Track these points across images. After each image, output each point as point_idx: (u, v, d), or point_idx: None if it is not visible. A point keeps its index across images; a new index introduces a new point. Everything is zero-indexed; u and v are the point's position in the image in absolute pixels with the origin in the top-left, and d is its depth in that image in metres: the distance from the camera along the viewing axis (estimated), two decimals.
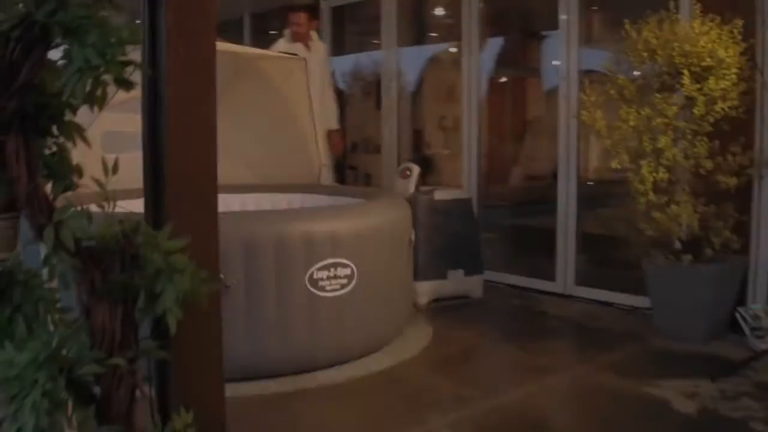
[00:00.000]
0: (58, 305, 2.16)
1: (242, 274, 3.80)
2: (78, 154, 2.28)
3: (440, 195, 5.54)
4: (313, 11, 6.64)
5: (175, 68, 2.27)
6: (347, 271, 4.05)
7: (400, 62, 7.53)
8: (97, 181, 1.99)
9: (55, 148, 2.12)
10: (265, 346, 3.86)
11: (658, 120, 4.23)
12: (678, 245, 4.48)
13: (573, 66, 5.58)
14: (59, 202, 1.95)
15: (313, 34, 6.43)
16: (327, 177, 6.36)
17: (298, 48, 6.17)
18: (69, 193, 2.06)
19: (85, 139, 2.10)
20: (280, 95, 5.60)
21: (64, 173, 2.11)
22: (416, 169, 5.64)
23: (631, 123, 4.29)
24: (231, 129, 5.88)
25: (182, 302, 2.13)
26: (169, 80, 2.27)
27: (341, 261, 4.03)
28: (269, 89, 5.61)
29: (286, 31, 6.32)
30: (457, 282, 5.55)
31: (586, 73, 5.67)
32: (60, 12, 1.81)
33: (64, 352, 2.01)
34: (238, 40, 9.18)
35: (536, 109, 9.37)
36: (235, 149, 5.93)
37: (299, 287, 3.91)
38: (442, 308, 5.37)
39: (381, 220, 4.26)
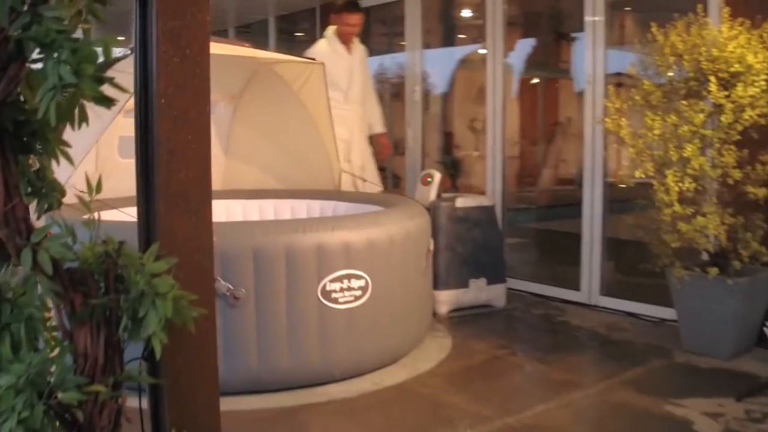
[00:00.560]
0: (50, 324, 2.08)
1: (252, 284, 3.72)
2: (100, 159, 2.23)
3: (462, 202, 5.42)
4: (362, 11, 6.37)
5: (167, 80, 2.19)
6: (361, 283, 3.96)
7: (426, 64, 7.42)
8: (78, 196, 1.93)
9: (38, 166, 2.04)
10: (275, 359, 3.78)
11: (685, 128, 4.08)
12: (705, 257, 4.32)
13: (599, 69, 5.43)
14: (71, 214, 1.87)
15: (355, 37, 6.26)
16: (373, 176, 6.25)
17: (340, 50, 6.03)
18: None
19: (68, 157, 2.03)
20: (299, 100, 5.52)
21: (48, 192, 2.04)
22: (438, 176, 5.54)
23: (656, 131, 4.14)
24: (249, 133, 5.85)
25: (174, 322, 2.06)
26: (160, 93, 2.18)
27: (355, 272, 3.94)
28: (288, 94, 5.53)
29: (328, 32, 6.12)
30: (479, 291, 5.44)
31: (615, 76, 5.53)
32: (34, 26, 1.74)
33: (48, 376, 1.95)
34: (264, 42, 9.15)
35: (567, 110, 9.22)
36: (254, 153, 5.91)
37: (311, 299, 3.82)
38: (463, 318, 5.26)
39: (397, 229, 4.15)
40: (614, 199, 5.49)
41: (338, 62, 5.97)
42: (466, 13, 8.31)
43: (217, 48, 4.74)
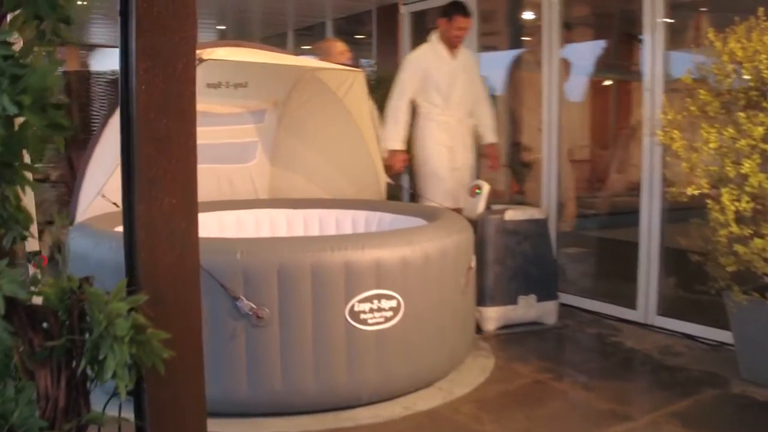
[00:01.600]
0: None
1: (277, 304, 3.59)
2: None
3: (512, 215, 5.20)
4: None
5: (148, 101, 2.06)
6: (392, 304, 3.78)
7: (491, 66, 7.21)
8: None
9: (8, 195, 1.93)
10: (300, 381, 3.64)
11: (743, 141, 3.78)
12: (765, 281, 4.02)
13: (658, 76, 5.13)
14: None
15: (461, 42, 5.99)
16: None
17: (443, 54, 5.82)
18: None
19: (35, 187, 1.92)
20: (344, 107, 5.38)
21: (14, 223, 1.93)
22: (486, 187, 5.32)
23: (712, 145, 3.85)
24: (294, 141, 5.73)
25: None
26: (141, 115, 2.05)
27: (386, 292, 3.77)
28: (333, 101, 5.39)
29: (432, 36, 5.91)
30: (528, 308, 5.20)
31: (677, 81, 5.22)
32: None
33: (11, 417, 1.85)
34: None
35: (639, 113, 8.86)
36: (299, 162, 5.80)
37: (338, 320, 3.67)
38: (510, 336, 5.03)
39: (433, 246, 3.96)
40: (676, 208, 5.16)
41: (440, 67, 5.81)
42: (528, 15, 8.05)
43: (247, 55, 4.65)
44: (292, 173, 5.88)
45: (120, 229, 4.41)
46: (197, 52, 4.25)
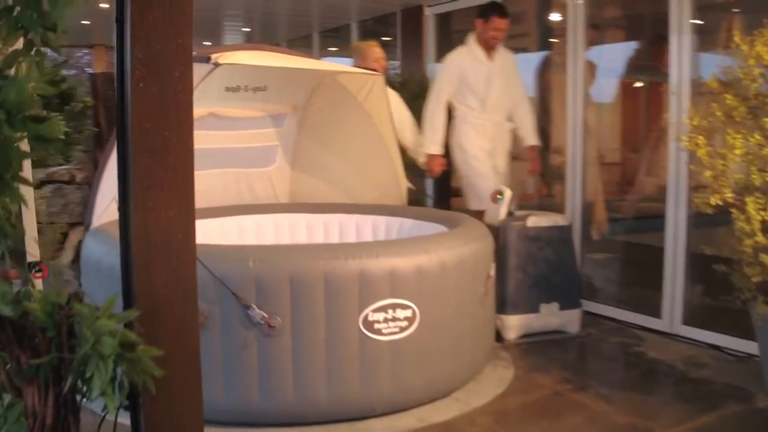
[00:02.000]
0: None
1: (289, 313, 3.53)
2: None
3: (534, 221, 5.10)
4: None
5: (143, 110, 2.00)
6: (407, 313, 3.71)
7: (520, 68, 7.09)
8: None
9: None
10: (312, 391, 3.59)
11: None
12: None
13: (685, 79, 5.01)
14: None
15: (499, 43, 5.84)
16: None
17: (479, 56, 5.71)
18: None
19: (25, 202, 1.88)
20: (365, 111, 5.31)
21: (2, 236, 1.88)
22: (508, 193, 5.22)
23: (737, 151, 3.73)
24: (315, 145, 5.68)
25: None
26: (136, 124, 2.00)
27: (401, 302, 3.69)
28: (353, 105, 5.33)
29: (469, 38, 5.80)
30: (550, 316, 5.10)
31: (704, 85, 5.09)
32: None
33: None
34: (346, 47, 9.06)
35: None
36: (320, 166, 5.75)
37: (352, 330, 3.60)
38: (532, 345, 4.93)
39: (449, 255, 3.88)
40: (704, 212, 5.02)
41: (476, 69, 5.71)
42: (555, 16, 7.93)
43: (265, 59, 4.60)
44: (312, 177, 5.83)
45: None
46: (213, 56, 4.22)
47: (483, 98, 5.74)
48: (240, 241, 5.36)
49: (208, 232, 5.23)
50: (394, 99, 5.98)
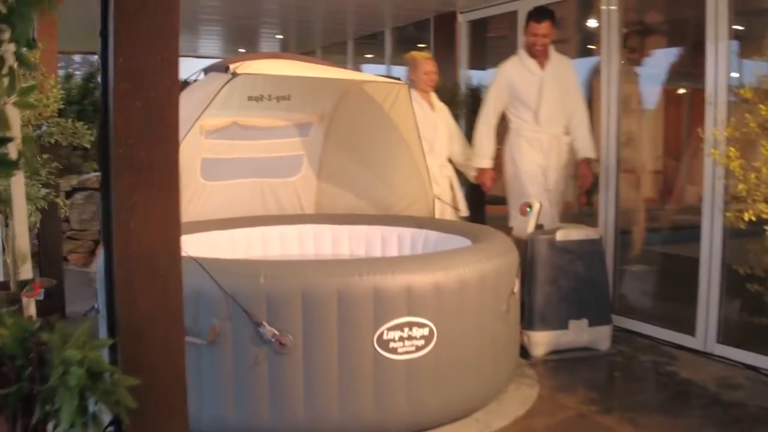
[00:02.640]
0: None
1: (301, 330, 3.44)
2: (182, 183, 2.02)
3: (563, 235, 4.94)
4: (553, 18, 5.55)
5: (127, 127, 1.92)
6: (424, 332, 3.59)
7: None
8: None
9: None
10: (324, 411, 3.49)
11: None
12: None
13: (721, 88, 4.82)
14: None
15: (552, 49, 5.58)
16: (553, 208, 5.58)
17: (530, 65, 5.50)
18: None
19: None
20: (391, 120, 5.20)
21: None
22: (537, 205, 5.07)
23: None
24: (341, 155, 5.60)
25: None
26: (119, 141, 1.92)
27: (417, 320, 3.58)
28: (380, 114, 5.22)
29: (521, 47, 5.64)
30: (579, 332, 4.94)
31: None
32: None
33: None
34: (380, 52, 9.00)
35: None
36: (346, 176, 5.67)
37: (366, 348, 3.50)
38: (559, 363, 4.78)
39: (470, 272, 3.75)
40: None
41: (526, 79, 5.50)
42: (592, 23, 7.76)
43: (283, 68, 4.52)
44: (339, 187, 5.74)
45: None
46: (232, 66, 4.15)
47: (535, 110, 5.51)
48: (264, 252, 5.29)
49: (232, 242, 5.18)
50: (444, 112, 5.89)
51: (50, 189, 4.05)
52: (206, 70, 4.36)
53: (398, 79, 5.15)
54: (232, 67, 4.07)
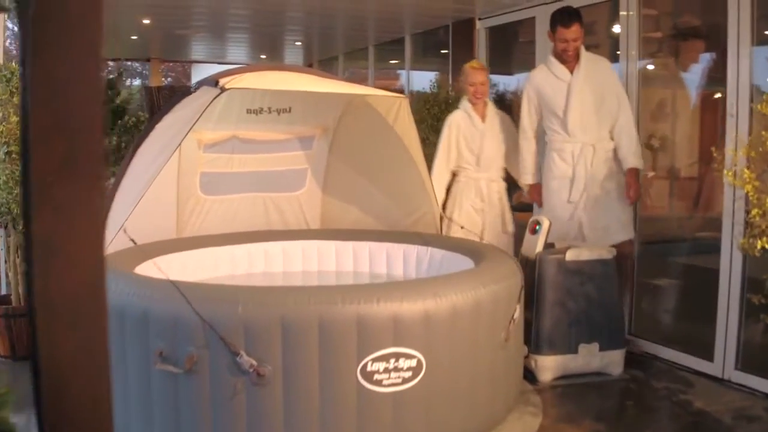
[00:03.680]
0: None
1: (280, 361, 3.27)
2: (181, 198, 1.88)
3: (573, 254, 4.71)
4: (580, 19, 5.16)
5: (45, 155, 1.75)
6: (412, 363, 3.41)
7: None
8: None
9: None
10: None
11: None
12: None
13: (743, 99, 4.56)
14: None
15: (583, 51, 5.19)
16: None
17: (559, 72, 5.16)
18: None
19: None
20: (395, 133, 5.02)
21: None
22: (546, 223, 4.83)
23: None
24: (346, 169, 5.44)
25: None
26: (36, 171, 1.75)
27: (405, 351, 3.39)
28: (384, 127, 5.04)
29: (550, 53, 5.32)
30: (590, 357, 4.71)
31: None
32: None
33: None
34: (401, 57, 8.84)
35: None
36: (351, 190, 5.52)
37: (349, 380, 3.32)
38: (568, 389, 4.56)
39: (462, 300, 3.54)
40: None
41: (555, 86, 5.17)
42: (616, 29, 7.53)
43: (275, 82, 4.37)
44: (344, 202, 5.58)
45: (141, 270, 4.16)
46: (221, 80, 4.00)
47: (563, 118, 5.16)
48: (267, 269, 5.16)
49: (233, 258, 5.05)
50: (497, 124, 5.63)
51: None
52: (198, 84, 4.22)
53: (401, 92, 4.97)
54: (221, 81, 3.91)
